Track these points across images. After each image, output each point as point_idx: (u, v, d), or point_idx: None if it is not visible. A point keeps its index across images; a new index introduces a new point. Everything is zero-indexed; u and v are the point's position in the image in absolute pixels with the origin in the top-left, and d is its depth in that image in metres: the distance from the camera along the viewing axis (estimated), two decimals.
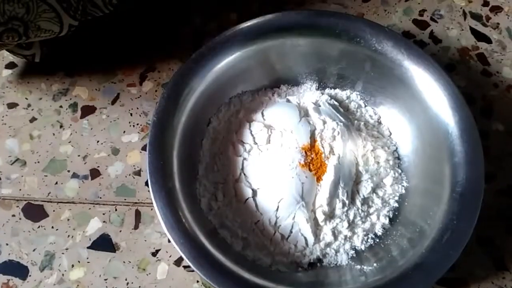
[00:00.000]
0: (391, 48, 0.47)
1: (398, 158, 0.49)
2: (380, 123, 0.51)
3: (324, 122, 0.47)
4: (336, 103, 0.50)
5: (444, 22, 0.62)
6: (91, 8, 0.51)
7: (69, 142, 0.53)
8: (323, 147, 0.46)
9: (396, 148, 0.49)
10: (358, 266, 0.43)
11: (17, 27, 0.44)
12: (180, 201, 0.41)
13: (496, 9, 0.63)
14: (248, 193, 0.45)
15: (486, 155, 0.51)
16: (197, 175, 0.46)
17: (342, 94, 0.52)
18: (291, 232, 0.44)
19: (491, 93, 0.57)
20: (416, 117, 0.48)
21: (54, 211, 0.50)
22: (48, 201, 0.50)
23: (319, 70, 0.51)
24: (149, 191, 0.48)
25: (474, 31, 0.61)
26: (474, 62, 0.59)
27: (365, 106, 0.51)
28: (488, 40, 0.60)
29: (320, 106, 0.49)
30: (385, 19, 0.61)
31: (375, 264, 0.43)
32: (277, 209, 0.44)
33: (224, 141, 0.48)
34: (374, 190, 0.46)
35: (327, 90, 0.52)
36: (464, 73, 0.58)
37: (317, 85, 0.52)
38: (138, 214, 0.49)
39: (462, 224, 0.40)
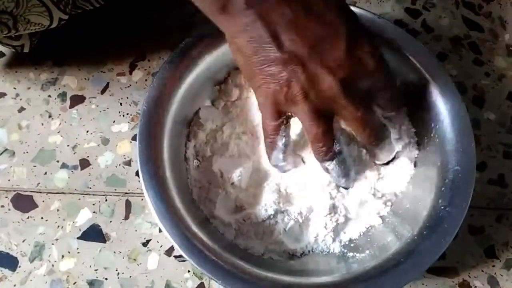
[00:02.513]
0: (384, 36, 0.47)
1: None
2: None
3: None
4: None
5: (436, 10, 0.61)
6: (81, 2, 0.50)
7: (58, 132, 0.52)
8: None
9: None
10: (351, 254, 0.43)
11: (6, 20, 0.44)
12: (172, 191, 0.41)
13: None
14: None
15: (478, 144, 0.51)
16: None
17: None
18: (283, 221, 0.44)
19: (483, 82, 0.57)
20: (408, 105, 0.48)
21: (43, 201, 0.49)
22: (37, 192, 0.50)
23: None
24: (139, 181, 0.48)
25: (466, 20, 0.61)
26: (466, 51, 0.59)
27: None
28: (480, 29, 0.60)
29: None
30: (378, 7, 0.61)
31: (367, 252, 0.43)
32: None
33: None
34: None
35: None
36: (456, 62, 0.58)
37: None
38: (128, 204, 0.49)
39: (453, 211, 0.40)
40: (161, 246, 0.47)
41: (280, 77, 0.35)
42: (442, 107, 0.44)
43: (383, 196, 0.45)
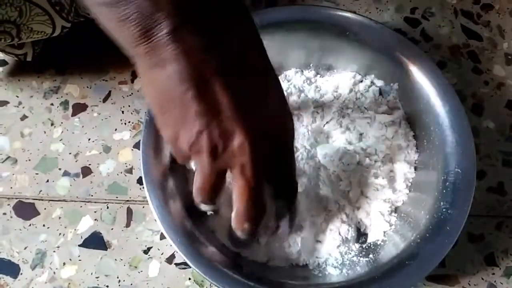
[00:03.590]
0: (382, 41, 0.47)
1: None
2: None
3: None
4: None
5: (435, 20, 0.62)
6: (83, 10, 0.50)
7: (60, 140, 0.53)
8: None
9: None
10: (355, 258, 0.44)
11: (9, 29, 0.44)
12: (176, 200, 0.42)
13: (487, 7, 0.63)
14: None
15: (477, 152, 0.51)
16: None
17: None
18: (288, 236, 0.44)
19: (482, 91, 0.57)
20: (407, 108, 0.48)
21: (45, 209, 0.49)
22: (39, 199, 0.50)
23: (309, 64, 0.51)
24: (141, 188, 0.48)
25: (465, 29, 0.61)
26: (465, 59, 0.59)
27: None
28: (479, 38, 0.61)
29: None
30: (377, 17, 0.61)
31: (371, 255, 0.43)
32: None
33: None
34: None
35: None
36: (455, 70, 0.58)
37: (305, 78, 0.52)
38: (129, 211, 0.49)
39: (455, 213, 0.40)
40: (162, 254, 0.48)
41: (192, 125, 0.31)
42: (441, 109, 0.44)
43: (392, 204, 0.46)
